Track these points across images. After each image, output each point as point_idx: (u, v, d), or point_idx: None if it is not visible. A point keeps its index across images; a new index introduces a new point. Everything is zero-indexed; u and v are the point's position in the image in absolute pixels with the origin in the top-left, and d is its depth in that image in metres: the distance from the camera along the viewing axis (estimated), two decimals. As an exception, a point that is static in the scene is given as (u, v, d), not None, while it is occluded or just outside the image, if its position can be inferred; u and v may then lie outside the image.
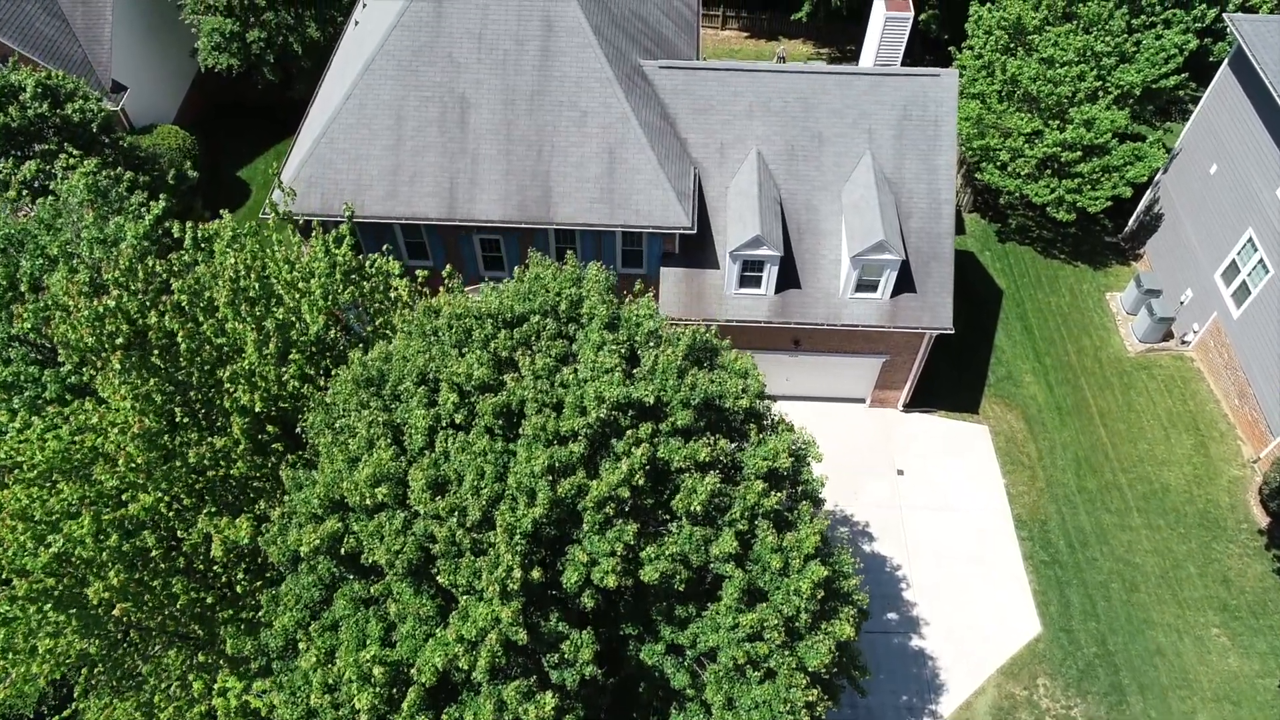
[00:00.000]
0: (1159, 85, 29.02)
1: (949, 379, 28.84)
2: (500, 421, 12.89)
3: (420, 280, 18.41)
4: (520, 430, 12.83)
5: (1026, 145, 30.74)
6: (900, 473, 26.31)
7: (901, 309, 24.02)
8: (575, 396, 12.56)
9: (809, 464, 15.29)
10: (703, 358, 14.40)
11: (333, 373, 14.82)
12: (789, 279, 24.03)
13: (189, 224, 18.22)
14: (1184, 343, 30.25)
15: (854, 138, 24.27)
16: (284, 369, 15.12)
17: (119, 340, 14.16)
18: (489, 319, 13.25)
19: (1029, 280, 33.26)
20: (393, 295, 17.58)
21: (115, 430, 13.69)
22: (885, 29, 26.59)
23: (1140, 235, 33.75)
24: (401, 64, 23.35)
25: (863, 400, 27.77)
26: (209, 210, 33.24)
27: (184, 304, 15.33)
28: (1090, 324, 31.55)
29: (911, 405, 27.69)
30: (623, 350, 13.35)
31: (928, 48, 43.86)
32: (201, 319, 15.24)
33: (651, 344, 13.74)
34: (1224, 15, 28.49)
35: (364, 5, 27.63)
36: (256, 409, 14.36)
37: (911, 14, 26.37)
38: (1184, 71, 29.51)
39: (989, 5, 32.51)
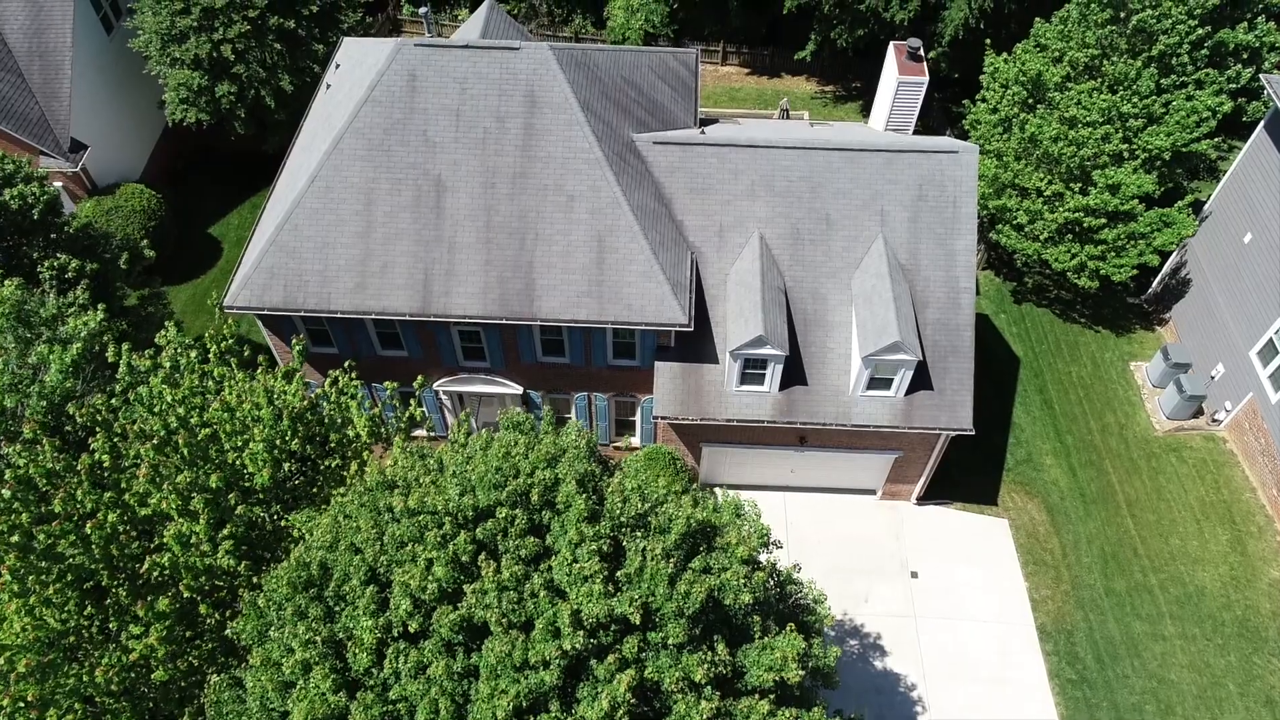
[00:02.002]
0: (1190, 149, 27.06)
1: (965, 463, 26.85)
2: (461, 635, 10.94)
3: (380, 419, 16.43)
4: (485, 643, 10.89)
5: (1046, 208, 28.80)
6: (914, 575, 24.37)
7: (917, 408, 22.07)
8: (548, 616, 10.61)
9: (822, 645, 13.34)
10: (699, 540, 12.45)
11: (267, 571, 12.85)
12: (794, 375, 22.08)
13: (125, 347, 16.28)
14: (1215, 421, 28.30)
15: (865, 220, 22.32)
16: (217, 548, 13.17)
17: (14, 539, 12.18)
18: (447, 518, 11.28)
19: (1048, 347, 31.32)
20: (350, 434, 15.63)
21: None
22: (898, 94, 24.70)
23: (1166, 299, 31.80)
24: (372, 143, 21.40)
25: (873, 492, 25.81)
26: (168, 280, 31.36)
27: (104, 463, 13.38)
28: (1114, 397, 29.60)
29: (926, 497, 25.73)
30: (604, 545, 11.39)
31: (937, 85, 41.97)
32: (124, 483, 13.28)
33: (639, 533, 11.78)
34: (1260, 75, 26.58)
35: (336, 66, 25.66)
36: (180, 604, 12.41)
37: (926, 79, 24.48)
38: (1216, 135, 27.54)
39: (1005, 56, 30.57)
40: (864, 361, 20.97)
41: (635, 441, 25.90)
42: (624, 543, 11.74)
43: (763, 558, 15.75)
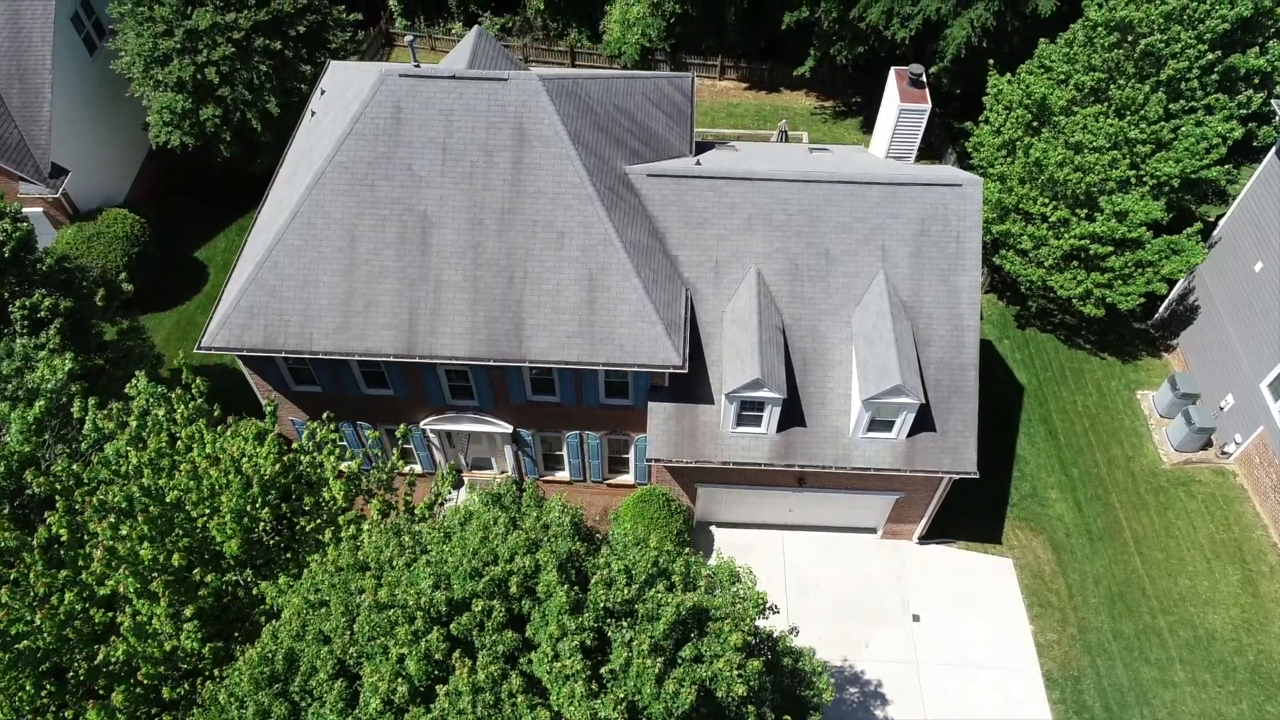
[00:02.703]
0: (1199, 175, 26.33)
1: (969, 498, 26.00)
2: (434, 737, 10.22)
3: (357, 476, 15.70)
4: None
5: (1051, 234, 28.08)
6: (916, 619, 23.64)
7: (919, 450, 21.34)
8: (526, 722, 9.88)
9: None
10: (690, 624, 11.71)
11: (236, 646, 12.12)
12: (793, 415, 21.36)
13: (91, 402, 15.56)
14: (1224, 453, 27.58)
15: (865, 255, 21.60)
16: (181, 629, 12.44)
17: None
18: (419, 613, 10.55)
19: (1052, 375, 30.59)
20: (326, 496, 14.90)
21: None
22: (900, 121, 23.97)
23: (1173, 325, 31.07)
24: (355, 177, 20.67)
25: (874, 531, 25.08)
26: (152, 307, 30.61)
27: (61, 538, 12.66)
28: (1121, 428, 28.86)
29: (928, 536, 24.99)
30: (588, 639, 10.66)
31: (939, 100, 41.24)
32: (81, 560, 12.56)
33: (626, 622, 11.05)
34: (1271, 100, 25.91)
35: (321, 92, 24.95)
36: (139, 690, 11.69)
37: (928, 106, 23.75)
38: (1226, 161, 26.81)
39: (1008, 77, 29.85)
40: (865, 404, 20.25)
41: (630, 478, 25.19)
42: (609, 633, 11.01)
43: (760, 622, 15.07)
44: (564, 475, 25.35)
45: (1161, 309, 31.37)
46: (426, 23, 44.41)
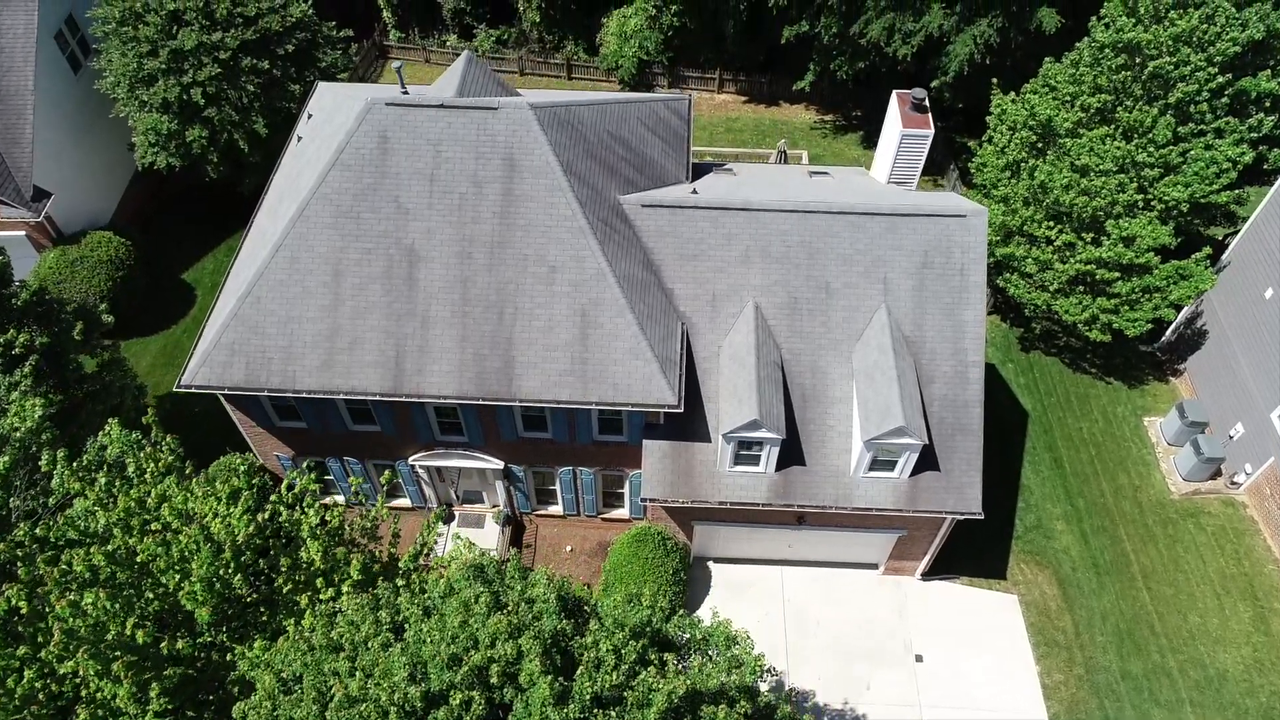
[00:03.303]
0: (1209, 200, 25.69)
1: (973, 531, 25.30)
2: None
3: (339, 531, 15.06)
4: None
5: (1056, 258, 27.44)
6: (919, 659, 23.00)
7: (922, 490, 20.71)
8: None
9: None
10: (683, 709, 11.07)
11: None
12: (792, 454, 20.72)
13: (60, 455, 14.92)
14: (1234, 484, 26.93)
15: (867, 289, 20.96)
16: (146, 709, 11.80)
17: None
18: (393, 709, 9.90)
19: (1057, 400, 29.95)
20: (304, 558, 14.26)
21: None
22: (902, 146, 23.33)
23: (1180, 349, 30.43)
24: (340, 209, 20.03)
25: (876, 566, 24.44)
26: (138, 332, 29.93)
27: (21, 610, 12.02)
28: (1128, 456, 28.22)
29: (931, 572, 24.34)
30: (575, 733, 10.02)
31: (941, 114, 40.57)
32: (41, 637, 11.92)
33: (615, 711, 10.40)
34: (1283, 124, 25.29)
35: (308, 116, 24.32)
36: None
37: (931, 132, 23.10)
38: (1237, 187, 26.16)
39: (1012, 97, 29.21)
40: (866, 445, 19.61)
41: (625, 513, 24.56)
42: (596, 725, 10.37)
43: (762, 685, 14.47)
44: (557, 509, 24.71)
45: (1169, 332, 30.73)
46: (421, 35, 43.78)
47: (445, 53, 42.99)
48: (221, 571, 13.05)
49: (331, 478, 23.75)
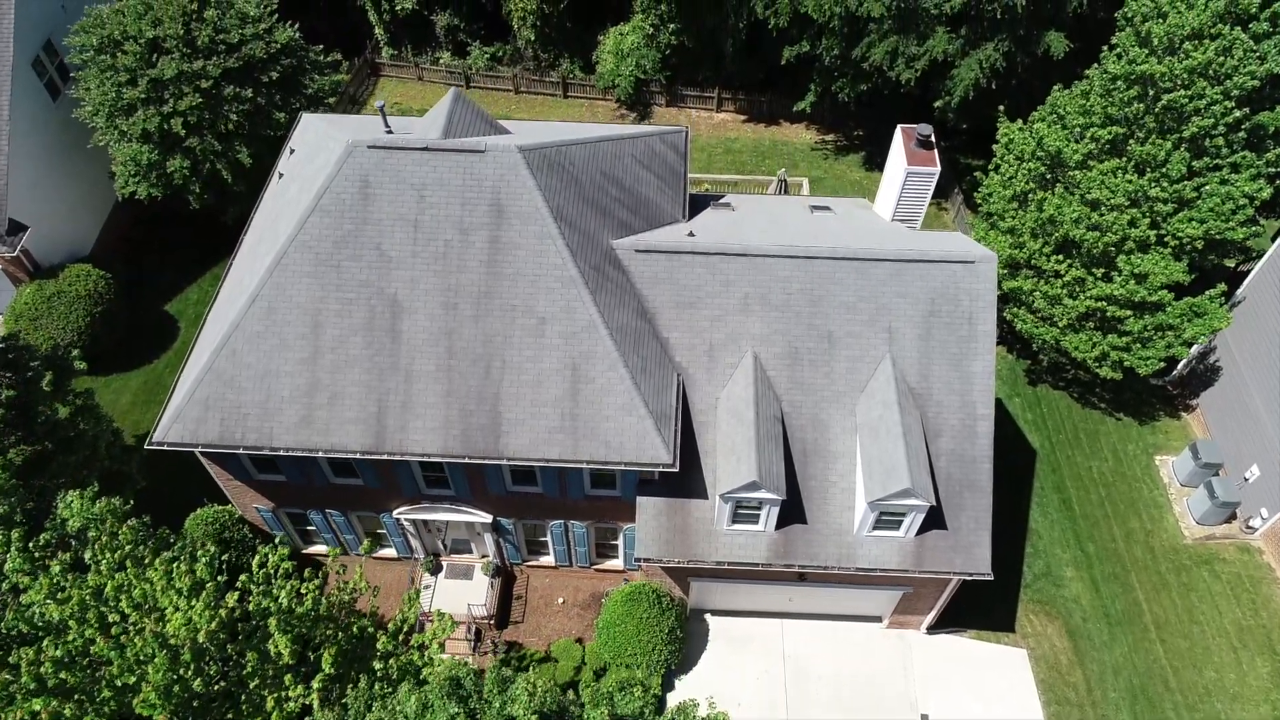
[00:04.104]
0: (1224, 236, 24.78)
1: (980, 582, 24.57)
2: None
3: (309, 615, 14.15)
4: None
5: (1065, 292, 26.55)
6: (924, 719, 22.10)
7: (928, 549, 19.81)
8: None
9: None
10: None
11: None
12: (793, 511, 19.82)
13: (15, 535, 14.03)
14: (1249, 528, 26.04)
15: (871, 338, 20.06)
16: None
17: None
18: None
19: (1065, 437, 29.06)
20: (273, 651, 13.35)
21: None
22: (907, 184, 22.42)
23: (1193, 384, 29.55)
24: (320, 257, 19.13)
25: (879, 619, 23.54)
26: (118, 368, 29.01)
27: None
28: (1139, 498, 27.33)
29: (936, 625, 23.44)
30: None
31: (944, 133, 39.70)
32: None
33: None
34: (1302, 159, 24.37)
35: (290, 151, 23.41)
36: None
37: (938, 170, 22.18)
38: (1253, 223, 25.24)
39: (1020, 125, 28.30)
40: (870, 505, 18.71)
41: (619, 563, 23.68)
42: None
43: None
44: (549, 560, 23.84)
45: (1180, 366, 29.83)
46: (414, 51, 42.90)
47: (439, 70, 42.15)
48: (182, 672, 12.17)
49: (314, 527, 22.88)
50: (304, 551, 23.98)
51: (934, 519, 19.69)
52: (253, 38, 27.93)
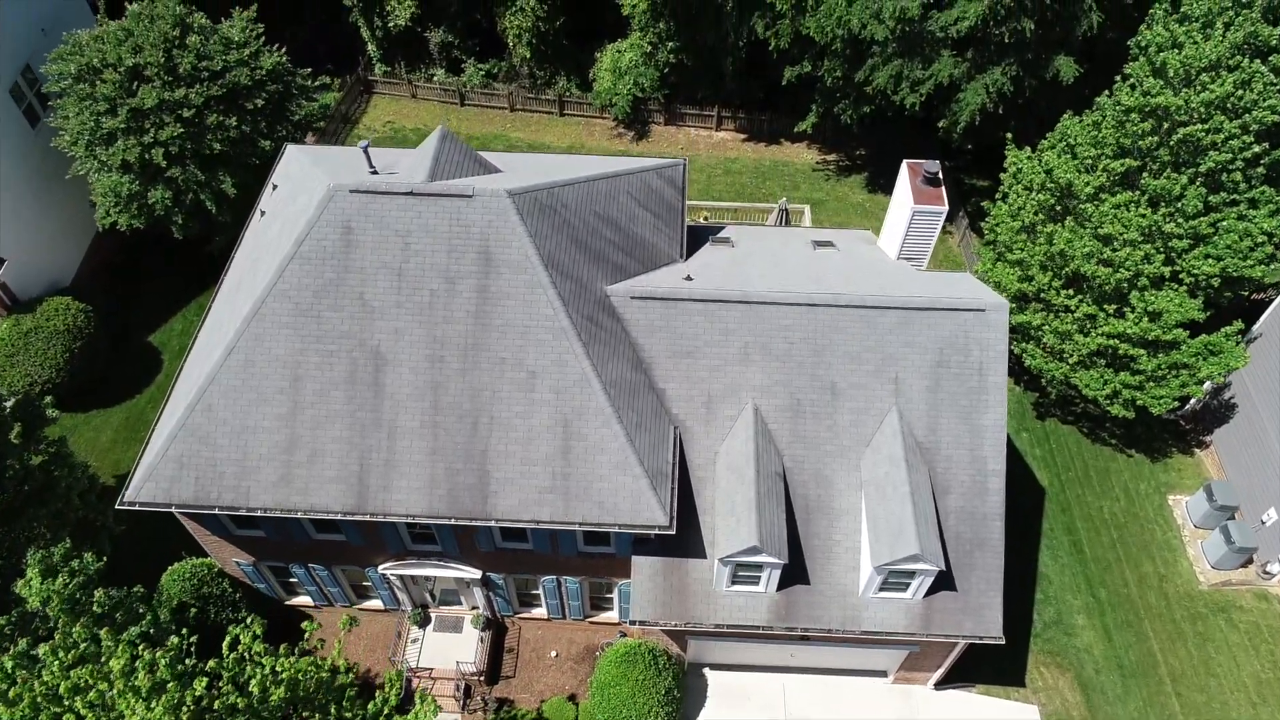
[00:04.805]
0: (1242, 274, 23.92)
1: (987, 630, 23.74)
2: None
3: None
4: None
5: (1076, 328, 25.68)
6: (932, 781, 21.27)
7: (936, 611, 18.95)
8: None
9: None
10: None
11: None
12: (795, 570, 18.95)
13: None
14: (1267, 573, 25.20)
15: (876, 389, 19.19)
16: None
17: None
18: None
19: (1075, 474, 28.20)
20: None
21: None
22: (913, 223, 21.57)
23: (1207, 420, 28.68)
24: (299, 307, 18.25)
25: (884, 674, 22.67)
26: (99, 403, 28.11)
27: None
28: (1152, 540, 26.47)
29: (944, 681, 22.57)
30: None
31: (948, 154, 38.85)
32: None
33: None
34: (1322, 194, 23.50)
35: (274, 188, 22.53)
36: None
37: (946, 209, 21.35)
38: (1273, 261, 24.37)
39: (1028, 154, 27.43)
40: (876, 569, 17.84)
41: (614, 615, 22.82)
42: None
43: None
44: (541, 613, 22.98)
45: (1193, 400, 28.96)
46: (407, 69, 42.01)
47: (433, 88, 41.28)
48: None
49: (297, 580, 22.02)
50: (287, 603, 23.11)
51: (943, 579, 18.82)
52: (237, 64, 27.04)
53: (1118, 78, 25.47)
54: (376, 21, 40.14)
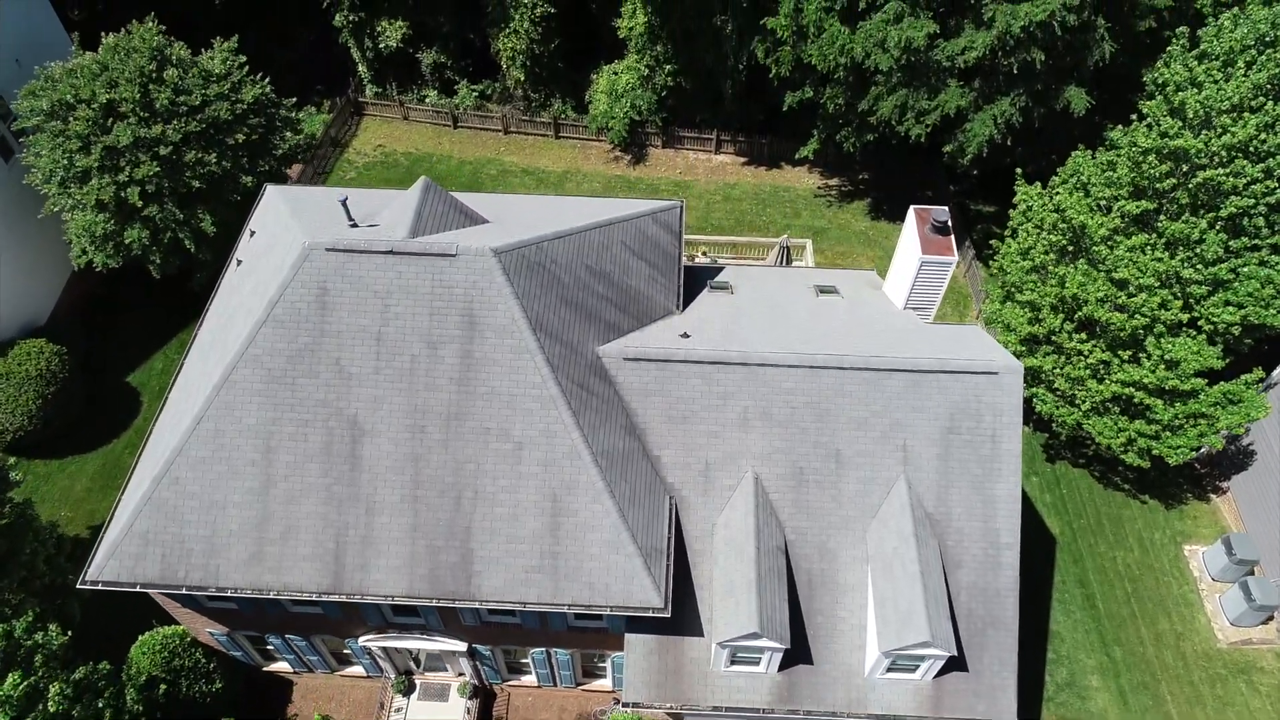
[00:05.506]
0: (1263, 322, 22.90)
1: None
2: None
3: None
4: None
5: (1089, 373, 24.66)
6: None
7: (947, 693, 17.92)
8: None
9: None
10: None
11: None
12: (797, 650, 17.90)
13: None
14: (1288, 631, 24.19)
15: (883, 457, 18.17)
16: None
17: None
18: None
19: (1087, 522, 27.18)
20: None
21: None
22: (921, 273, 20.56)
23: (1223, 464, 27.66)
24: (272, 374, 17.23)
25: (890, 744, 21.63)
26: (74, 449, 27.06)
27: None
28: (1168, 595, 25.45)
29: (953, 751, 21.53)
30: None
31: (952, 178, 37.88)
32: None
33: None
34: (1348, 240, 22.48)
35: (251, 234, 21.52)
36: None
37: (955, 259, 20.33)
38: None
39: (1038, 190, 26.39)
40: (884, 654, 16.81)
41: (607, 684, 21.80)
42: None
43: None
44: (531, 680, 21.96)
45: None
46: (399, 90, 40.98)
47: (425, 109, 40.25)
48: None
49: (273, 647, 21.02)
50: (265, 669, 22.09)
51: (954, 659, 17.77)
52: (217, 97, 26.02)
53: (1134, 116, 24.44)
54: (367, 43, 39.13)
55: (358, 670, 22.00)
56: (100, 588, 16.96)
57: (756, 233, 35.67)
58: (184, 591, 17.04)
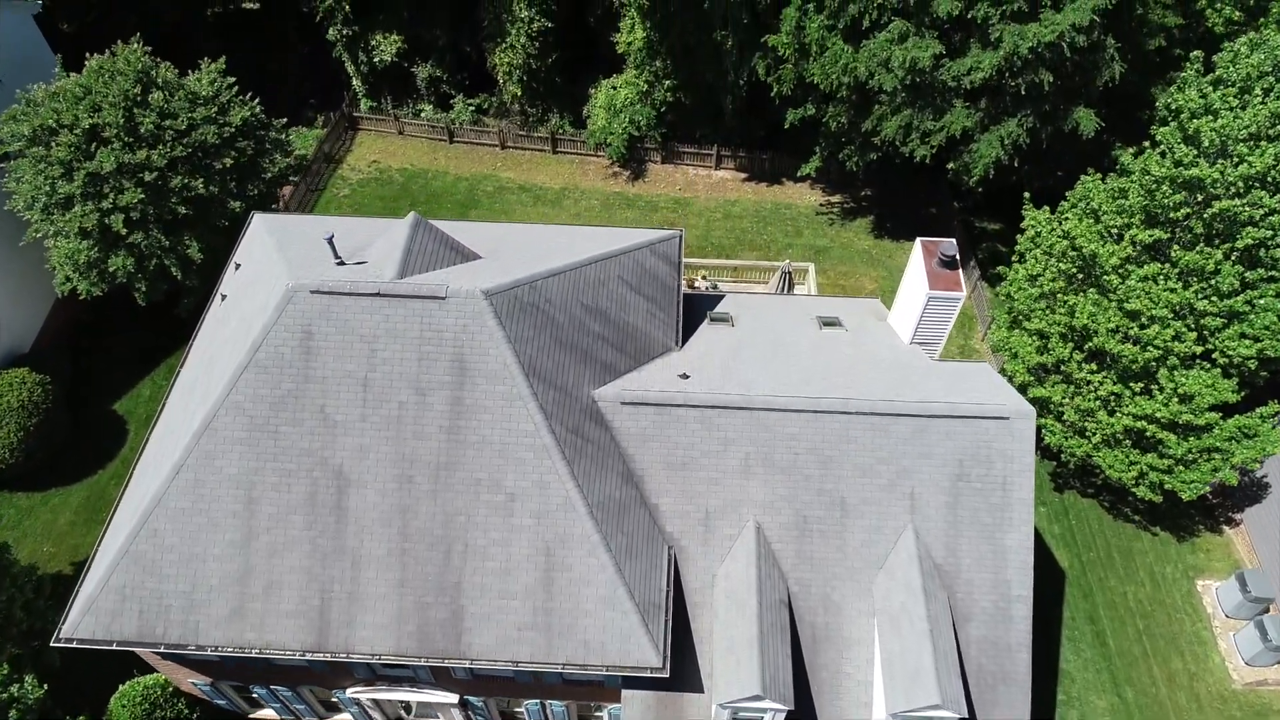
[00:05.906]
0: (1280, 354, 22.26)
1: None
2: None
3: None
4: None
5: (1099, 405, 24.00)
6: None
7: (957, 751, 17.23)
8: None
9: None
10: None
11: None
12: (801, 706, 17.25)
13: None
14: (1306, 672, 23.50)
15: (890, 505, 17.49)
16: None
17: None
18: None
19: (1097, 555, 26.50)
20: None
21: None
22: (928, 308, 19.87)
23: (1236, 495, 26.98)
24: (254, 421, 16.55)
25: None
26: (58, 481, 26.35)
27: None
28: (1180, 632, 24.77)
29: (961, 802, 20.86)
30: None
31: (956, 195, 37.20)
32: None
33: None
34: (1367, 271, 21.79)
35: (237, 266, 20.85)
36: None
37: (963, 294, 19.65)
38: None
39: (1047, 215, 25.72)
40: (891, 716, 16.13)
41: (604, 729, 21.14)
42: None
43: None
44: (526, 728, 21.30)
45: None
46: (394, 103, 40.31)
47: (420, 124, 39.55)
48: None
49: (258, 696, 20.35)
50: (251, 717, 21.42)
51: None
52: (204, 121, 25.32)
53: (1146, 144, 23.75)
54: (361, 56, 38.44)
55: (346, 719, 21.31)
56: (75, 645, 16.28)
57: (757, 252, 35.00)
58: (162, 649, 16.36)
